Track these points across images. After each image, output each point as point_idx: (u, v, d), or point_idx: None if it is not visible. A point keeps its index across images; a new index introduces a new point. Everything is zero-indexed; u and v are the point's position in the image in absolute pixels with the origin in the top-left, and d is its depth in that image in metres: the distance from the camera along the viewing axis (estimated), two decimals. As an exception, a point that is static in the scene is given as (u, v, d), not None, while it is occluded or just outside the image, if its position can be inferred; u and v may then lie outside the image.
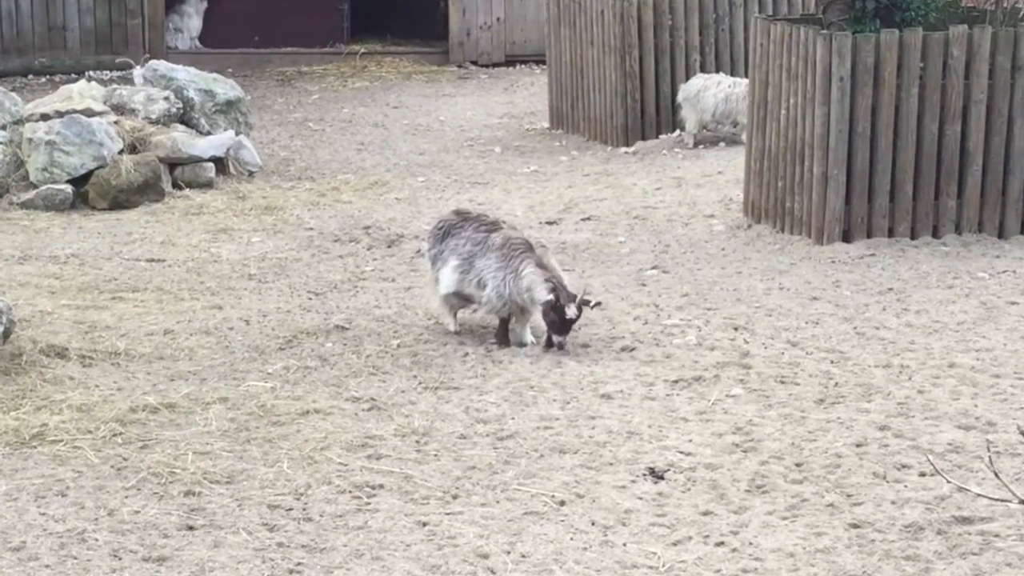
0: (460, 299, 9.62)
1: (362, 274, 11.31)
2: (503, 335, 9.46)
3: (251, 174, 14.89)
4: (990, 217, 11.73)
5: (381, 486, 7.25)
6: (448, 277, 9.56)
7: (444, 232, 9.74)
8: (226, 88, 15.47)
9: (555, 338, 9.19)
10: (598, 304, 9.62)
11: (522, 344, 9.41)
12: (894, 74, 11.38)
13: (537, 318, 9.35)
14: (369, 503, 7.07)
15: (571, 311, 9.08)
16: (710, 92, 15.38)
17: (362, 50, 23.24)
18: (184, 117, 15.02)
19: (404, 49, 23.63)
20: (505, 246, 9.37)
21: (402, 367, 9.07)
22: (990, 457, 6.53)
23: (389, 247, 12.13)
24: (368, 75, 22.12)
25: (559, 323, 9.12)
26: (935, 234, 11.67)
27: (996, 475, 6.20)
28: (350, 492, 7.18)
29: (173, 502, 7.08)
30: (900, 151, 11.52)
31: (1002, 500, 6.42)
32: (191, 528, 6.80)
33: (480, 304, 9.47)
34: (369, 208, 13.61)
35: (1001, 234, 11.73)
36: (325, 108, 19.58)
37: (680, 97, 15.64)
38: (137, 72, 15.50)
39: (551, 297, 9.07)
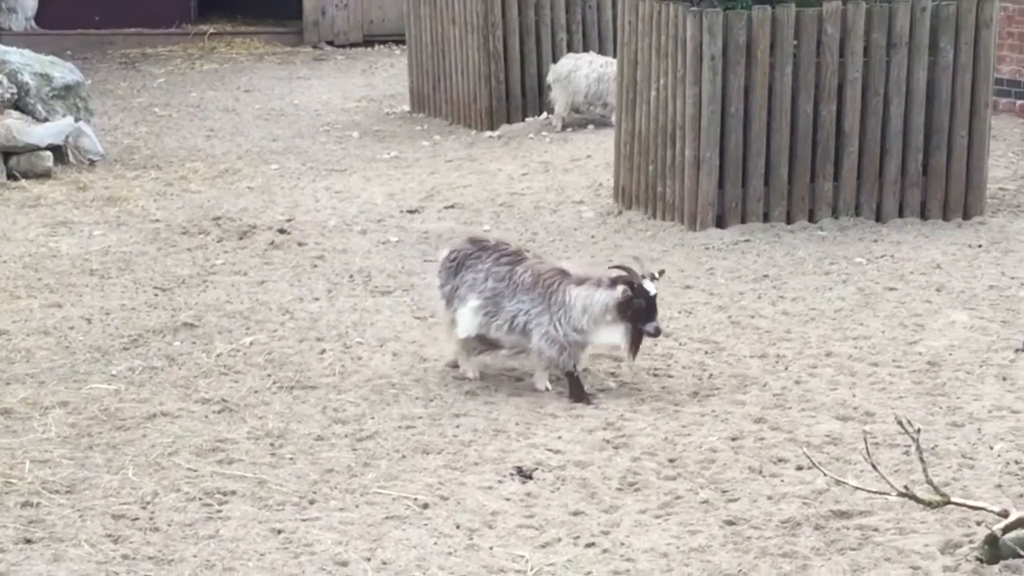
0: (484, 343, 8.73)
1: (212, 268, 11.22)
2: (578, 391, 8.47)
3: (92, 163, 14.73)
4: (867, 200, 11.91)
5: (233, 492, 7.20)
6: (468, 319, 8.62)
7: (458, 264, 8.75)
8: (64, 72, 15.27)
9: (649, 326, 8.28)
10: (662, 272, 8.84)
11: (537, 388, 8.63)
12: (767, 52, 11.51)
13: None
14: (220, 511, 7.01)
15: (651, 286, 8.27)
16: (582, 72, 15.46)
17: (211, 30, 23.08)
18: (19, 103, 14.80)
19: (255, 29, 23.50)
20: (538, 285, 8.49)
21: (255, 366, 9.01)
22: (867, 449, 6.63)
23: (241, 239, 12.04)
24: (217, 57, 21.96)
25: (646, 307, 8.25)
26: (811, 218, 11.83)
27: (874, 467, 6.30)
28: (200, 499, 7.12)
29: (9, 514, 6.97)
30: (774, 132, 11.66)
31: (881, 493, 6.52)
32: (29, 541, 6.70)
33: (534, 354, 8.55)
34: (219, 198, 13.50)
35: (879, 217, 11.91)
36: (172, 92, 19.39)
37: (550, 78, 15.70)
38: None
39: (624, 288, 8.26)
